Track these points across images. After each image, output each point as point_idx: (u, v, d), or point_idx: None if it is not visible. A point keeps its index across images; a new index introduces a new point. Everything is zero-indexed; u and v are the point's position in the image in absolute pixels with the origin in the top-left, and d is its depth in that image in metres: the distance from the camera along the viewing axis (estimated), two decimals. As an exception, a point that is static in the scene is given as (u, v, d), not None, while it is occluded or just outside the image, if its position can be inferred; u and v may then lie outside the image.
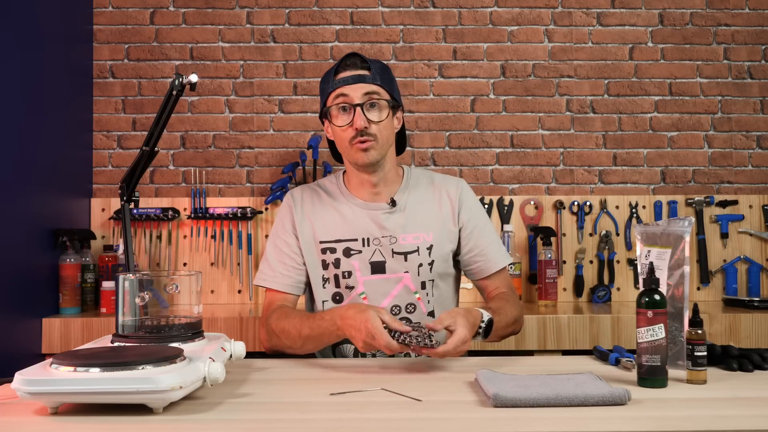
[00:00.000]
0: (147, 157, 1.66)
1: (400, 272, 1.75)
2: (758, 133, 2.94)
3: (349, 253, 1.75)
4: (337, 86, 1.72)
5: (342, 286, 1.75)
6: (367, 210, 1.78)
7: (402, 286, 1.75)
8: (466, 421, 1.10)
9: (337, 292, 1.76)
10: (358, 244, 1.75)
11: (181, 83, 1.62)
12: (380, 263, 1.75)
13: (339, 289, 1.76)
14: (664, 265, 1.45)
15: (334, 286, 1.76)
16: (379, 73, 1.73)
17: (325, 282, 1.77)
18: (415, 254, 1.76)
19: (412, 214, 1.79)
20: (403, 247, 1.76)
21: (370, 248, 1.75)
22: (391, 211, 1.78)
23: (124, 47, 2.90)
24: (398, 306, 1.74)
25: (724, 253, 2.88)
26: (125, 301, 1.40)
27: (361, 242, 1.76)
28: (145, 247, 2.81)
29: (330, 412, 1.17)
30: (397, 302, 1.74)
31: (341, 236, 1.77)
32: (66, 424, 1.10)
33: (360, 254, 1.75)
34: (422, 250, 1.76)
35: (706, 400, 1.23)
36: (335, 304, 1.76)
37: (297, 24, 2.92)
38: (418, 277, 1.75)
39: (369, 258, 1.75)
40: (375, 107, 1.72)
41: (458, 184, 1.86)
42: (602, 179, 2.93)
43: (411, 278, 1.75)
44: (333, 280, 1.76)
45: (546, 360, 1.76)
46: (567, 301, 2.85)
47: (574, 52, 2.94)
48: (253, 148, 2.90)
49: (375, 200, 1.79)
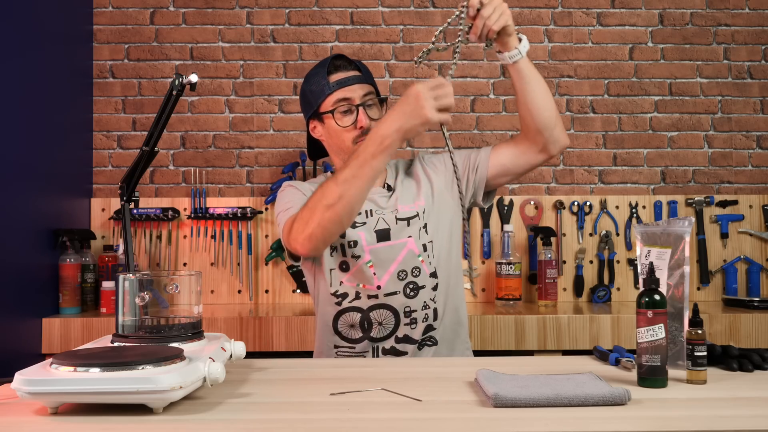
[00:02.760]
0: (147, 157, 1.66)
1: (404, 237, 1.77)
2: (758, 133, 2.94)
3: (354, 225, 1.76)
4: (335, 88, 1.76)
5: (348, 255, 1.76)
6: None
7: (407, 250, 1.77)
8: (466, 421, 1.10)
9: (343, 260, 1.77)
10: (362, 216, 1.78)
11: (181, 83, 1.62)
12: (385, 230, 1.77)
13: (345, 258, 1.77)
14: (664, 265, 1.45)
15: (341, 254, 1.77)
16: (367, 73, 1.82)
17: (333, 251, 1.78)
18: (416, 218, 1.79)
19: (402, 192, 1.84)
20: (404, 214, 1.79)
21: (373, 218, 1.78)
22: (386, 195, 1.84)
23: (124, 47, 2.90)
24: (404, 271, 1.76)
25: (724, 253, 2.88)
26: (125, 301, 1.40)
27: (365, 214, 1.78)
28: (145, 247, 2.81)
29: (330, 412, 1.17)
30: (403, 267, 1.76)
31: None
32: (66, 424, 1.10)
33: (364, 225, 1.77)
34: (420, 215, 1.80)
35: (706, 400, 1.23)
36: (342, 272, 1.77)
37: (297, 24, 2.92)
38: (419, 240, 1.78)
39: (374, 227, 1.77)
40: (373, 106, 1.79)
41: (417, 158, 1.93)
42: (602, 179, 2.93)
43: (414, 241, 1.77)
44: (340, 248, 1.77)
45: (546, 360, 1.75)
46: (567, 301, 2.85)
47: (574, 52, 2.94)
48: (253, 148, 2.90)
49: None
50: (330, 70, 1.77)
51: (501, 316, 2.38)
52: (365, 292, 1.75)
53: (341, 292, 1.77)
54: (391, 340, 1.75)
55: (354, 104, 1.74)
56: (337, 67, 1.78)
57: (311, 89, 1.81)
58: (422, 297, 1.75)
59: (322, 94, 1.77)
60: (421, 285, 1.76)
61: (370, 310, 1.75)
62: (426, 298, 1.76)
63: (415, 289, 1.75)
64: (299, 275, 2.80)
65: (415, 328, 1.75)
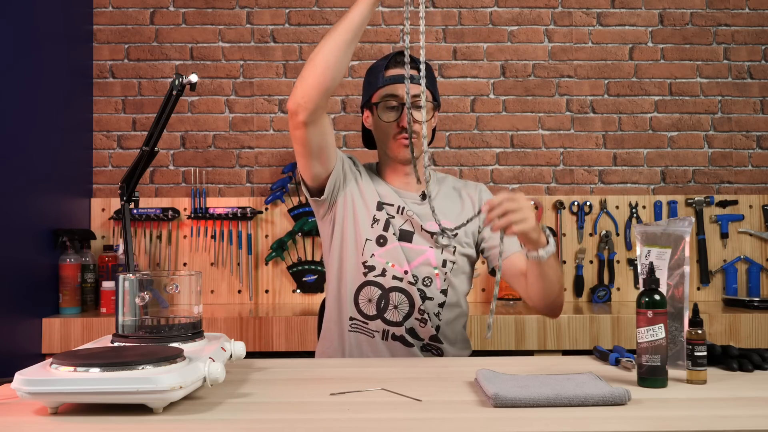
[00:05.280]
0: (147, 157, 1.66)
1: (425, 246, 1.78)
2: (758, 133, 2.94)
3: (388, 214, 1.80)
4: (386, 83, 1.78)
5: (389, 231, 1.78)
6: (400, 196, 1.83)
7: (424, 258, 1.78)
8: (466, 421, 1.10)
9: (382, 235, 1.77)
10: (393, 209, 1.80)
11: (181, 83, 1.62)
12: (408, 233, 1.78)
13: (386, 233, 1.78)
14: (664, 265, 1.45)
15: (382, 228, 1.78)
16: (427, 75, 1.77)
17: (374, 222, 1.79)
18: (439, 236, 1.78)
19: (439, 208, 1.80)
20: (431, 228, 1.79)
21: (402, 216, 1.79)
22: (421, 203, 1.83)
23: (124, 47, 2.90)
24: (416, 276, 1.76)
25: (724, 253, 2.88)
26: (125, 301, 1.40)
27: (396, 209, 1.80)
28: (145, 247, 2.81)
29: (330, 412, 1.17)
30: (417, 272, 1.76)
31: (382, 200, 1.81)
32: (66, 424, 1.10)
33: (394, 218, 1.79)
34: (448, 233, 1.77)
35: (706, 400, 1.23)
36: (378, 245, 1.77)
37: (297, 24, 2.92)
38: (441, 255, 1.78)
39: (400, 225, 1.78)
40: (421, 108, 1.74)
41: (477, 186, 1.91)
42: (602, 179, 2.93)
43: (434, 254, 1.77)
44: (383, 222, 1.78)
45: (546, 360, 1.75)
46: (567, 301, 2.85)
47: (574, 52, 2.94)
48: (253, 148, 2.90)
49: (406, 188, 1.84)
50: (389, 65, 1.80)
51: (501, 316, 2.38)
52: (392, 272, 1.75)
53: (370, 264, 1.77)
54: (402, 329, 1.75)
55: (401, 102, 1.76)
56: (396, 63, 1.79)
57: (369, 80, 1.85)
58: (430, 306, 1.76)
59: (374, 86, 1.81)
60: (429, 296, 1.76)
61: (390, 290, 1.75)
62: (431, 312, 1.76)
63: (423, 298, 1.75)
64: (299, 275, 2.80)
65: (424, 326, 1.75)
